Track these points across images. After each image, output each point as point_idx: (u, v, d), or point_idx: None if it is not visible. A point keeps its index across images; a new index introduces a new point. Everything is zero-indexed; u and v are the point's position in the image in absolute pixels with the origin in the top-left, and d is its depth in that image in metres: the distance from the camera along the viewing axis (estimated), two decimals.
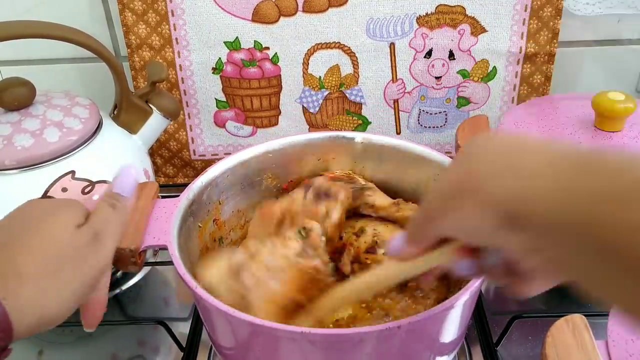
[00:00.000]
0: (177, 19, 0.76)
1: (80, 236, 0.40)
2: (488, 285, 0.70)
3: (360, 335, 0.43)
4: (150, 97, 0.70)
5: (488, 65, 0.78)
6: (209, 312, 0.49)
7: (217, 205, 0.61)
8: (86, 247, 0.40)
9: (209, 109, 0.82)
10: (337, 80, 0.80)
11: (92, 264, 0.40)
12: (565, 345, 0.47)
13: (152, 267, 0.74)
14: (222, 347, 0.52)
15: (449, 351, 0.52)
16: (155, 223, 0.53)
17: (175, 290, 0.73)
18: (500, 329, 0.61)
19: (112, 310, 0.70)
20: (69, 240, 0.40)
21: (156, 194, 0.57)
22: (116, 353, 0.65)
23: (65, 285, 0.38)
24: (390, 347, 0.45)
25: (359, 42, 0.78)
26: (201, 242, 0.58)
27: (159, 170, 0.87)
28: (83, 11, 0.79)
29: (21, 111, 0.62)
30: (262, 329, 0.43)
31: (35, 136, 0.60)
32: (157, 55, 0.79)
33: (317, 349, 0.45)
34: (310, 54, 0.78)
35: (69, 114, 0.64)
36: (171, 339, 0.62)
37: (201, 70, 0.79)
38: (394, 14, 0.76)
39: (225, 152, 0.85)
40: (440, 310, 0.44)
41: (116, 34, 0.80)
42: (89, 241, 0.40)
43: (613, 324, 0.48)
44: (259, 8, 0.76)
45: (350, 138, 0.65)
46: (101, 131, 0.65)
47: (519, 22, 0.76)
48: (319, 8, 0.76)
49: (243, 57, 0.78)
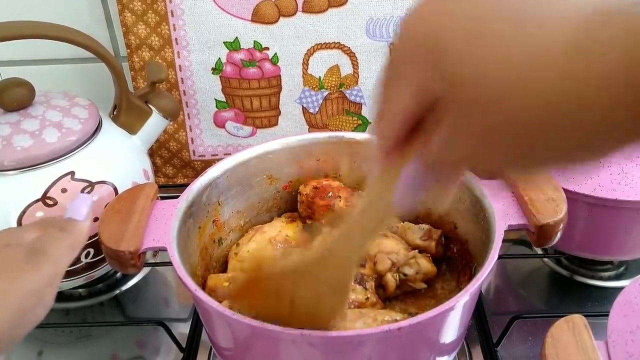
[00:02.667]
0: (176, 20, 0.76)
1: (9, 251, 0.41)
2: (488, 285, 0.71)
3: (360, 337, 0.43)
4: (150, 97, 0.70)
5: None
6: (208, 314, 0.49)
7: (216, 207, 0.61)
8: (19, 262, 0.40)
9: (208, 110, 0.82)
10: (336, 80, 0.80)
11: (29, 276, 0.40)
12: (565, 345, 0.47)
13: (152, 267, 0.74)
14: (222, 348, 0.52)
15: (449, 352, 0.52)
16: (155, 225, 0.53)
17: (175, 291, 0.73)
18: (500, 329, 0.61)
19: (111, 311, 0.70)
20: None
21: (155, 195, 0.57)
22: (116, 354, 0.65)
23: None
24: (390, 349, 0.45)
25: (358, 42, 0.77)
26: (200, 243, 0.58)
27: (159, 171, 0.87)
28: (82, 11, 0.79)
29: (20, 112, 0.62)
30: (262, 331, 0.43)
31: (34, 137, 0.60)
32: (157, 55, 0.79)
33: (317, 351, 0.45)
34: (310, 54, 0.78)
35: (68, 114, 0.63)
36: (171, 340, 0.62)
37: (201, 70, 0.79)
38: (393, 14, 0.76)
39: (225, 153, 0.85)
40: (440, 312, 0.44)
41: (116, 34, 0.80)
42: (22, 257, 0.40)
43: (613, 324, 0.49)
44: (259, 8, 0.75)
45: (350, 138, 0.64)
46: (101, 132, 0.65)
47: None
48: (319, 8, 0.75)
49: (243, 57, 0.78)
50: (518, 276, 0.72)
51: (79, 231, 0.44)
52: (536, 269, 0.73)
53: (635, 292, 0.50)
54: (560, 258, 0.72)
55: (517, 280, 0.72)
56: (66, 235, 0.43)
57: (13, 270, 0.40)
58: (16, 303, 0.38)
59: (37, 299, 0.40)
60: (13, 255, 0.41)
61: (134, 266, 0.51)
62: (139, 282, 0.73)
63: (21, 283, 0.39)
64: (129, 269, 0.51)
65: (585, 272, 0.70)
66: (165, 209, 0.54)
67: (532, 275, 0.72)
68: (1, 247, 0.41)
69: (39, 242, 0.42)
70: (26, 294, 0.39)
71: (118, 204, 0.55)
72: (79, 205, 0.45)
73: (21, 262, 0.40)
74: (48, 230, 0.43)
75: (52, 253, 0.41)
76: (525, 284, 0.72)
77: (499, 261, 0.66)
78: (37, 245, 0.42)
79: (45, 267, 0.40)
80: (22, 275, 0.39)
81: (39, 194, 0.59)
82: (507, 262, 0.73)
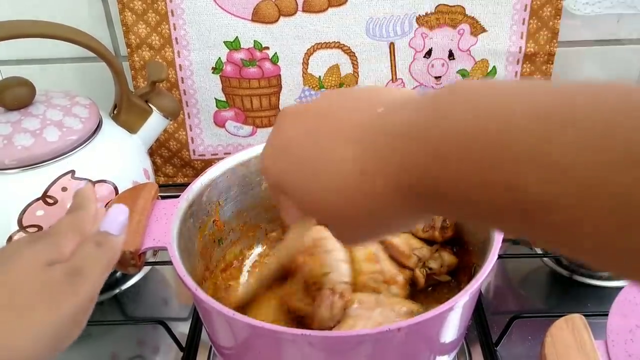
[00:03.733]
0: (177, 19, 0.76)
1: (52, 273, 0.38)
2: (487, 285, 0.71)
3: (359, 337, 0.43)
4: (150, 96, 0.70)
5: (488, 65, 0.78)
6: (208, 314, 0.49)
7: (216, 206, 0.61)
8: (60, 285, 0.37)
9: (208, 109, 0.82)
10: (336, 80, 0.80)
11: (70, 303, 0.37)
12: (564, 345, 0.47)
13: (152, 266, 0.74)
14: (222, 347, 0.52)
15: (448, 351, 0.52)
16: (155, 224, 0.53)
17: (175, 290, 0.73)
18: (500, 329, 0.61)
19: (111, 310, 0.70)
20: (35, 276, 0.37)
21: (156, 195, 0.57)
22: (116, 353, 0.65)
23: (38, 324, 0.36)
24: (389, 349, 0.45)
25: (358, 41, 0.77)
26: (201, 243, 0.58)
27: (159, 170, 0.87)
28: (83, 11, 0.79)
29: (21, 111, 0.62)
30: (262, 331, 0.43)
31: (35, 136, 0.60)
32: (157, 55, 0.79)
33: (317, 350, 0.45)
34: (310, 53, 0.78)
35: (68, 113, 0.64)
36: (171, 339, 0.62)
37: (201, 70, 0.79)
38: (393, 13, 0.76)
39: (225, 152, 0.85)
40: (440, 312, 0.44)
41: (116, 33, 0.80)
42: (63, 279, 0.38)
43: (612, 324, 0.49)
44: (259, 8, 0.75)
45: None
46: (101, 131, 0.65)
47: (519, 22, 0.76)
48: (319, 8, 0.75)
49: (243, 56, 0.78)
50: (518, 276, 0.72)
51: (114, 248, 0.41)
52: (536, 268, 0.73)
53: (634, 292, 0.50)
54: (560, 258, 0.72)
55: (517, 280, 0.72)
56: (103, 253, 0.40)
57: (54, 296, 0.37)
58: (54, 331, 0.37)
59: (74, 324, 0.38)
60: (54, 278, 0.37)
61: (134, 266, 0.51)
62: (139, 281, 0.73)
63: (61, 311, 0.37)
64: (129, 268, 0.51)
65: (585, 271, 0.70)
66: (166, 209, 0.54)
67: (532, 275, 0.72)
68: (43, 265, 0.38)
69: (78, 260, 0.39)
70: (65, 321, 0.37)
71: (118, 203, 0.55)
72: (115, 216, 0.42)
73: (62, 286, 0.37)
74: (85, 245, 0.40)
75: (90, 275, 0.39)
76: (525, 283, 0.72)
77: (499, 261, 0.65)
78: (76, 264, 0.39)
79: (85, 290, 0.38)
80: (62, 301, 0.37)
81: (40, 192, 0.59)
82: (507, 261, 0.73)
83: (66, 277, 0.38)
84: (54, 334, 0.37)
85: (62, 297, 0.37)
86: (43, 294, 0.37)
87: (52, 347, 0.37)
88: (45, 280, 0.37)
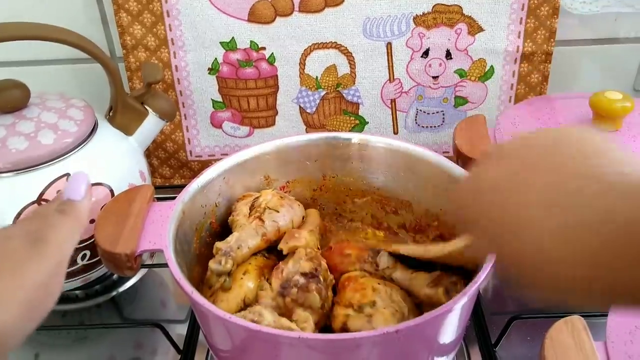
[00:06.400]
0: (172, 20, 0.76)
1: (11, 243, 0.38)
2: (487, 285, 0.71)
3: (357, 340, 0.43)
4: (146, 98, 0.70)
5: (485, 64, 0.78)
6: (205, 317, 0.49)
7: (213, 208, 0.60)
8: (22, 251, 0.38)
9: (205, 110, 0.82)
10: (334, 80, 0.80)
11: (35, 266, 0.38)
12: (563, 346, 0.46)
13: (149, 269, 0.74)
14: (219, 350, 0.52)
15: (447, 352, 0.52)
16: (151, 227, 0.53)
17: (172, 292, 0.72)
18: (499, 330, 0.61)
19: (108, 312, 0.70)
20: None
21: (152, 197, 0.56)
22: (113, 356, 0.64)
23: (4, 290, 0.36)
24: (388, 351, 0.45)
25: (355, 41, 0.77)
26: (197, 246, 0.58)
27: (155, 172, 0.86)
28: (78, 12, 0.78)
29: (15, 113, 0.62)
30: (259, 333, 0.43)
31: (29, 139, 0.60)
32: (153, 56, 0.78)
33: (315, 353, 0.44)
34: (306, 54, 0.78)
35: (63, 116, 0.63)
36: (168, 342, 0.62)
37: (197, 70, 0.79)
38: (390, 13, 0.75)
39: (222, 153, 0.85)
40: (438, 314, 0.43)
41: (111, 34, 0.80)
42: (24, 245, 0.38)
43: (612, 325, 0.48)
44: (255, 8, 0.75)
45: (346, 139, 0.64)
46: (96, 133, 0.65)
47: (516, 21, 0.75)
48: (315, 8, 0.75)
49: (239, 57, 0.78)
50: None
51: (79, 212, 0.42)
52: None
53: None
54: None
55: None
56: (66, 218, 0.41)
57: (16, 263, 0.37)
58: (24, 298, 0.36)
59: (44, 290, 0.38)
60: (13, 247, 0.38)
61: (130, 268, 0.50)
62: (136, 284, 0.73)
63: (26, 276, 0.37)
64: (125, 271, 0.51)
65: None
66: (162, 211, 0.54)
67: None
68: (3, 239, 0.39)
69: (38, 227, 0.40)
70: (33, 287, 0.37)
71: (114, 206, 0.55)
72: (75, 183, 0.43)
73: (23, 253, 0.38)
74: (44, 213, 0.41)
75: (54, 239, 0.39)
76: None
77: None
78: (37, 234, 0.39)
79: (49, 255, 0.38)
80: (26, 267, 0.37)
81: (35, 195, 0.59)
82: None
83: (27, 244, 0.38)
84: (24, 300, 0.36)
85: (26, 262, 0.37)
86: (4, 261, 0.37)
87: (25, 316, 0.37)
88: (4, 249, 0.38)
